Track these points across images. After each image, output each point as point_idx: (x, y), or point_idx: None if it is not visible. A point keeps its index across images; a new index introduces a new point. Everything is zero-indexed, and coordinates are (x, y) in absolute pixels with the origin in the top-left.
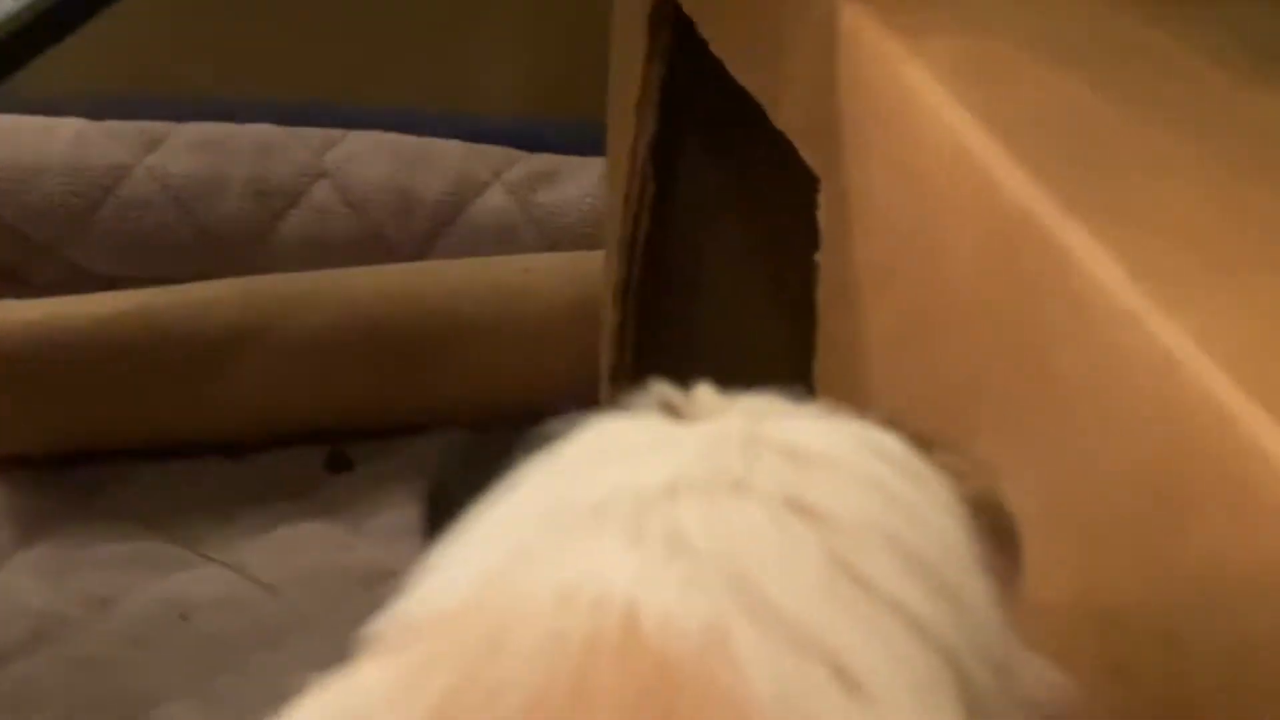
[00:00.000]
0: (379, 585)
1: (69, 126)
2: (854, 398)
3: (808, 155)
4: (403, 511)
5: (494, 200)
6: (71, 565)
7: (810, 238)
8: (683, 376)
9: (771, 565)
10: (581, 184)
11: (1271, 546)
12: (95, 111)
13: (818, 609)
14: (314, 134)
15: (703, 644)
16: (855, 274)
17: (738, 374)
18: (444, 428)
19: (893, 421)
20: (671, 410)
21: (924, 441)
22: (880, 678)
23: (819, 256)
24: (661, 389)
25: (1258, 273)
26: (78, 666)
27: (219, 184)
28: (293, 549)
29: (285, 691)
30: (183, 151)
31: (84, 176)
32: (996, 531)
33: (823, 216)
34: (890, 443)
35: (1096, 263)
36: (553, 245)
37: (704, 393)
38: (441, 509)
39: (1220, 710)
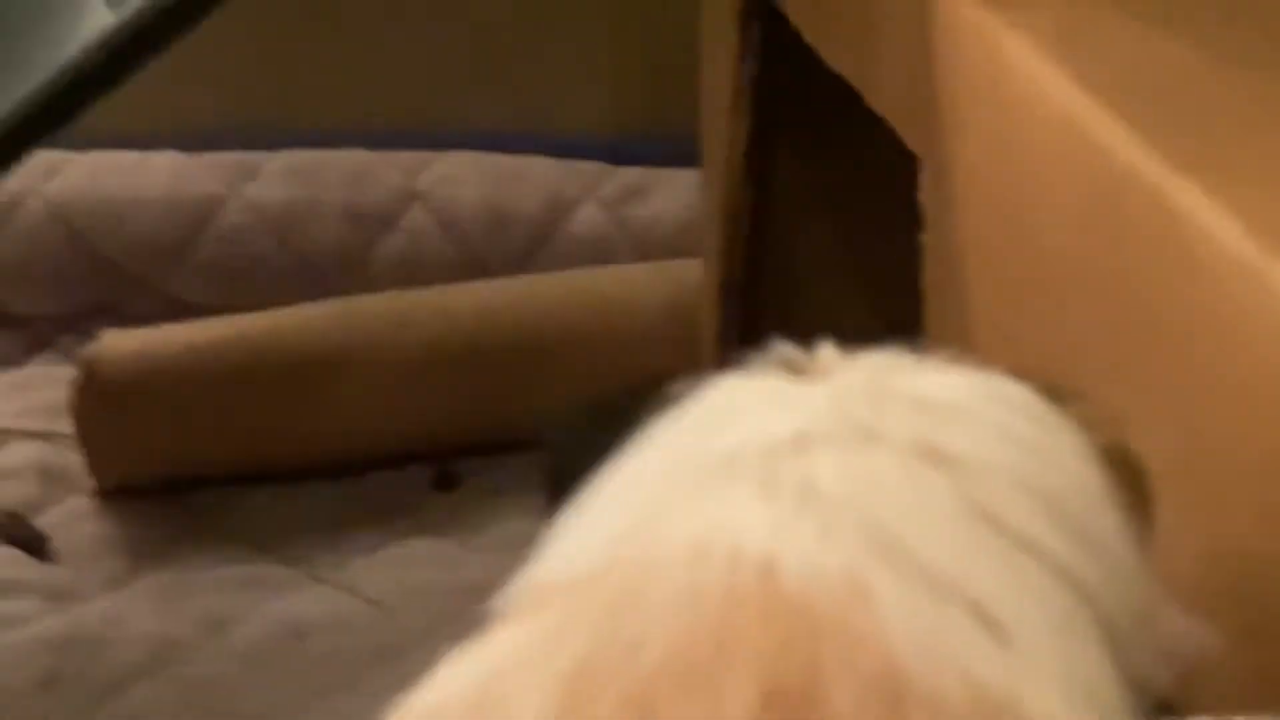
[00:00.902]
0: (488, 600)
1: (163, 160)
2: None
3: (906, 135)
4: (510, 525)
5: (587, 215)
6: (186, 590)
7: (898, 222)
8: None
9: (905, 511)
10: (672, 196)
11: None
12: (189, 144)
13: (954, 553)
14: (406, 157)
15: (842, 593)
16: (959, 250)
17: None
18: None
19: (1018, 373)
20: (794, 368)
21: (1053, 391)
22: (1020, 619)
23: (924, 236)
24: (782, 348)
25: None
26: (194, 688)
27: (313, 211)
28: (403, 567)
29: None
30: (276, 180)
31: (180, 209)
32: (1129, 481)
33: (925, 196)
34: (1019, 391)
35: (1209, 217)
36: (646, 257)
37: (826, 350)
38: (563, 477)
39: None
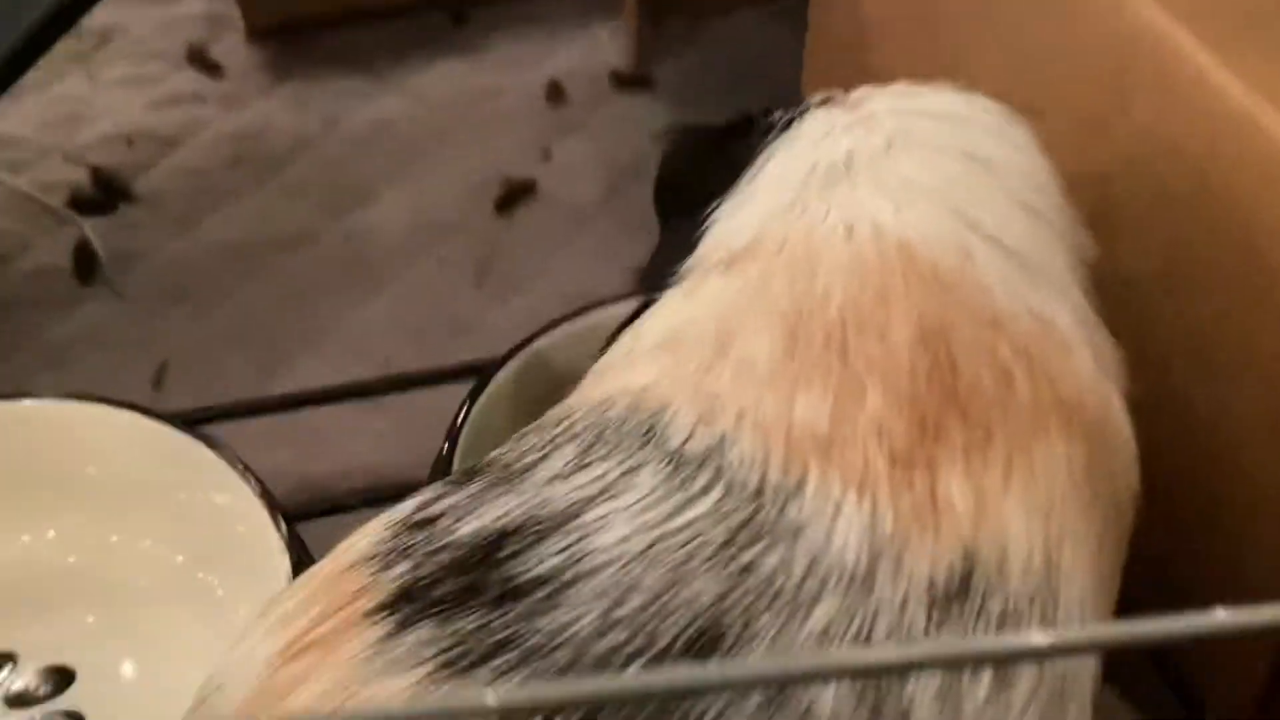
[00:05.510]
0: (494, 100)
1: None
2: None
3: None
4: (505, 50)
5: None
6: (310, 97)
7: None
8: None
9: (974, 199)
10: None
11: (1189, 117)
12: None
13: (1009, 227)
14: None
15: (955, 258)
16: None
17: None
18: None
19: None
20: (836, 103)
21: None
22: (1047, 268)
23: None
24: (818, 94)
25: None
26: (325, 165)
27: None
28: (440, 79)
29: (453, 171)
30: None
31: None
32: None
33: None
34: (985, 102)
35: None
36: None
37: (859, 91)
38: (669, 194)
39: (1142, 232)
